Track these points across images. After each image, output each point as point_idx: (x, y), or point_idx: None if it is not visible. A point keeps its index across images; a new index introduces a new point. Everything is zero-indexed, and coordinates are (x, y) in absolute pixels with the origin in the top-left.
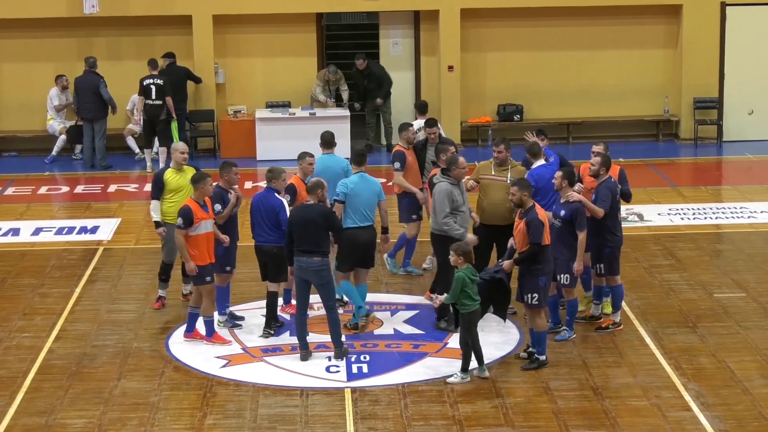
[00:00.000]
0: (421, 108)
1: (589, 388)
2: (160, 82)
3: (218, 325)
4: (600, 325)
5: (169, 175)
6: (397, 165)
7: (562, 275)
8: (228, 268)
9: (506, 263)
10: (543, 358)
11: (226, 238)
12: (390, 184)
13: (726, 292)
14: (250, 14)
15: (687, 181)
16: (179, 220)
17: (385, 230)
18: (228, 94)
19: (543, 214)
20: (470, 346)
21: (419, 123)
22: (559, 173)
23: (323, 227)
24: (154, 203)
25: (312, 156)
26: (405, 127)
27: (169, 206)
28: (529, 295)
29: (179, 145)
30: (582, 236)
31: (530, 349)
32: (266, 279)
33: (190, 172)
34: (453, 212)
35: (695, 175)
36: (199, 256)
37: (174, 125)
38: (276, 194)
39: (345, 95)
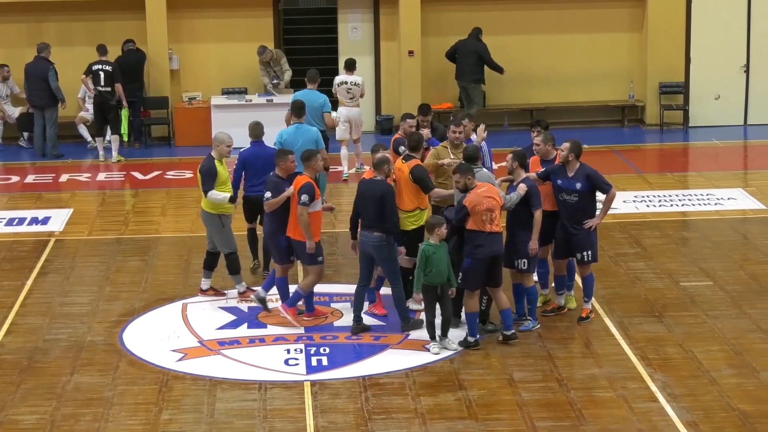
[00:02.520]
0: (348, 64)
1: (554, 379)
2: (109, 68)
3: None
4: (581, 316)
5: (218, 167)
6: (401, 148)
7: (519, 260)
8: (292, 258)
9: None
10: (472, 339)
11: (332, 207)
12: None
13: (693, 281)
14: None
15: (653, 168)
16: (305, 197)
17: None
18: (183, 81)
19: (474, 199)
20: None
21: (342, 78)
22: (509, 155)
23: (382, 204)
24: (213, 192)
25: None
26: (406, 117)
27: None
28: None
29: (225, 138)
30: (537, 214)
31: (505, 332)
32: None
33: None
34: None
35: (661, 161)
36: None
37: (125, 113)
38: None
39: (286, 76)
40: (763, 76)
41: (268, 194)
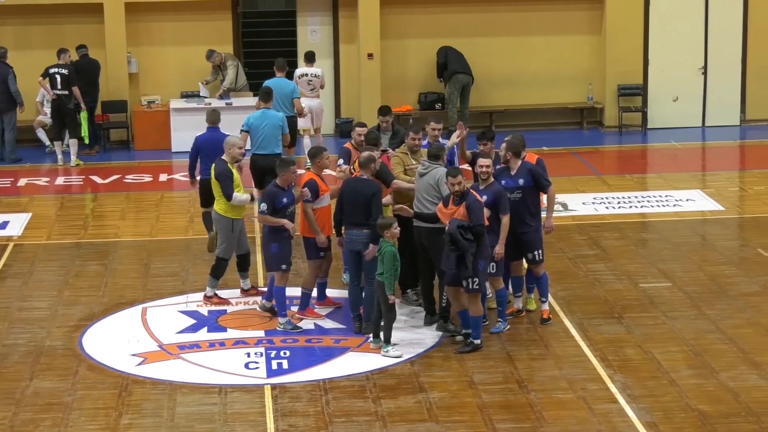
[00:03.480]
0: (308, 57)
1: (515, 381)
2: (65, 71)
3: (278, 327)
4: (542, 317)
5: (232, 169)
6: (340, 161)
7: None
8: (284, 267)
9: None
10: (478, 342)
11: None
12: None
13: (652, 282)
14: (163, 1)
15: (612, 170)
16: (308, 194)
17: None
18: (141, 84)
19: (478, 196)
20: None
21: (302, 70)
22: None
23: (372, 202)
24: (237, 196)
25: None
26: (355, 126)
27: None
28: (470, 280)
29: (237, 141)
30: (505, 220)
31: (464, 332)
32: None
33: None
34: None
35: (620, 163)
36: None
37: (83, 115)
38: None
39: (225, 81)
40: (721, 78)
41: (263, 206)
